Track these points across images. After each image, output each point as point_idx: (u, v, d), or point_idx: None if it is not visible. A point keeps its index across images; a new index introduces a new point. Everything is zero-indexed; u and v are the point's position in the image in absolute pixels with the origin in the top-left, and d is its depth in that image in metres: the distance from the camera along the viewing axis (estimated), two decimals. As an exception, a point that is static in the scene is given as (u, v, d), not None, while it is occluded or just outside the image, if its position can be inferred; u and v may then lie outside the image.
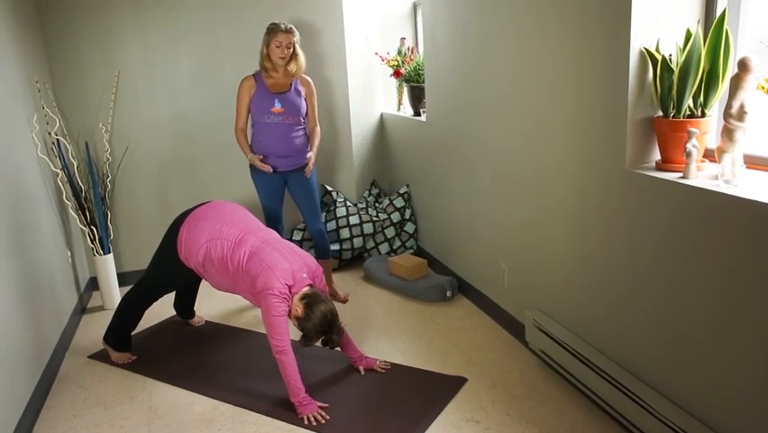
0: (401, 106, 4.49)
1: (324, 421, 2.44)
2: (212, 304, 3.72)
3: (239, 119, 3.52)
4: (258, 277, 2.52)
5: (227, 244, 2.67)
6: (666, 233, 1.98)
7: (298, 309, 2.49)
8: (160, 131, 4.05)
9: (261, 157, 3.45)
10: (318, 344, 2.59)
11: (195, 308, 3.49)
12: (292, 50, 3.41)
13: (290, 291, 2.52)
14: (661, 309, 2.05)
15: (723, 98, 1.97)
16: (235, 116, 3.54)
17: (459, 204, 3.55)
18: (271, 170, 3.46)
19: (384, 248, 4.25)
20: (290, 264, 2.55)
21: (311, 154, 3.53)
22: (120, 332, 3.02)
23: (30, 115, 3.21)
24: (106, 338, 3.05)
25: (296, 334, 2.60)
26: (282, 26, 3.38)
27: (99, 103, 3.88)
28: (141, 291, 2.99)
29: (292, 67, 3.45)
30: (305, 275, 2.57)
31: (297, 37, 3.42)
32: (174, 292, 3.37)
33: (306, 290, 2.55)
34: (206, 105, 4.10)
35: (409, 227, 4.29)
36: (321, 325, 2.49)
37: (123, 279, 3.97)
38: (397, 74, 4.15)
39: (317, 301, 2.50)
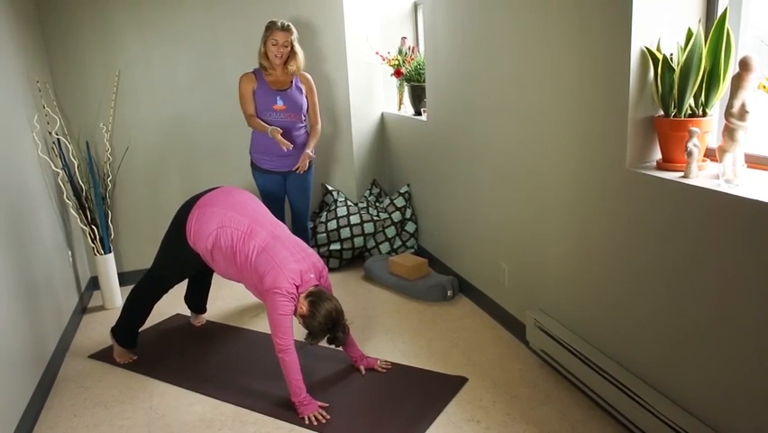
0: (402, 106, 4.48)
1: (324, 421, 2.44)
2: (213, 304, 3.72)
3: (247, 109, 3.46)
4: (266, 275, 2.51)
5: (237, 234, 2.65)
6: (667, 232, 1.98)
7: (303, 307, 2.49)
8: (161, 131, 4.05)
9: (281, 131, 3.35)
10: (323, 343, 2.59)
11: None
12: (290, 48, 3.41)
13: (297, 291, 2.52)
14: (661, 309, 2.05)
15: (724, 98, 1.96)
16: (242, 110, 3.50)
17: (459, 203, 3.55)
18: (291, 147, 3.38)
19: (385, 247, 4.25)
20: (299, 264, 2.55)
21: (308, 151, 3.52)
22: (128, 327, 3.01)
23: (30, 115, 3.22)
24: (114, 332, 3.04)
25: (300, 334, 2.60)
26: (279, 24, 3.37)
27: (100, 103, 3.88)
28: (151, 281, 2.96)
29: (291, 65, 3.46)
30: (312, 275, 2.57)
31: (294, 35, 3.41)
32: (185, 287, 3.36)
33: (311, 288, 2.55)
34: (207, 106, 4.10)
35: (410, 227, 4.29)
36: (326, 323, 2.49)
37: (123, 278, 3.97)
38: (397, 73, 4.15)
39: (322, 299, 2.50)
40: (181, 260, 2.87)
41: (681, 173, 1.98)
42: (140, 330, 3.14)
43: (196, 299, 3.41)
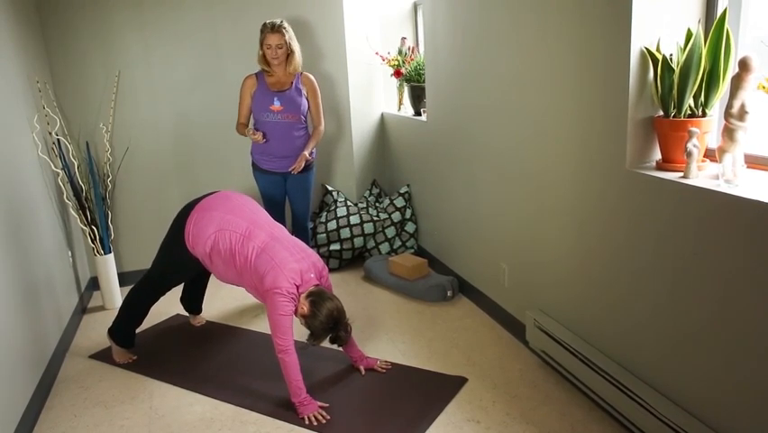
0: (402, 106, 4.49)
1: (324, 421, 2.44)
2: (213, 304, 3.72)
3: (239, 116, 3.57)
4: (266, 275, 2.51)
5: (235, 236, 2.66)
6: (666, 232, 1.98)
7: (304, 307, 2.49)
8: (161, 131, 4.05)
9: (257, 130, 3.47)
10: (325, 342, 2.59)
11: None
12: (285, 48, 3.39)
13: (298, 291, 2.52)
14: (661, 309, 2.05)
15: (724, 98, 1.97)
16: (237, 115, 3.59)
17: (459, 203, 3.55)
18: (262, 136, 3.44)
19: (384, 248, 4.25)
20: (299, 264, 2.55)
21: (305, 153, 3.52)
22: (125, 327, 3.02)
23: (30, 116, 3.22)
24: (111, 332, 3.04)
25: (300, 334, 2.60)
26: (270, 26, 3.36)
27: (100, 103, 3.88)
28: (149, 283, 2.97)
29: (290, 66, 3.45)
30: (312, 275, 2.57)
31: (288, 35, 3.39)
32: (180, 287, 3.36)
33: (311, 288, 2.55)
34: (207, 106, 4.10)
35: (410, 227, 4.29)
36: (328, 322, 2.49)
37: (123, 279, 3.97)
38: (397, 74, 4.15)
39: (323, 299, 2.50)
40: (180, 264, 2.87)
41: (681, 173, 1.98)
42: (139, 330, 3.15)
43: (192, 300, 3.41)
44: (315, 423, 2.43)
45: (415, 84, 4.05)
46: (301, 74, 3.55)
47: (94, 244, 3.71)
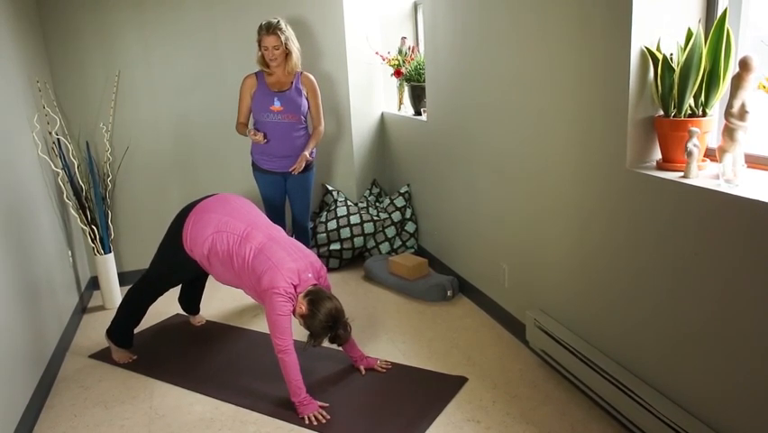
0: (402, 106, 4.49)
1: (324, 421, 2.44)
2: (213, 304, 3.72)
3: (239, 116, 3.57)
4: (263, 275, 2.51)
5: (233, 238, 2.66)
6: (667, 232, 1.98)
7: (303, 307, 2.49)
8: (161, 131, 4.05)
9: (252, 131, 3.46)
10: (325, 342, 2.59)
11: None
12: (281, 50, 3.39)
13: (295, 291, 2.52)
14: (661, 309, 2.05)
15: (724, 98, 1.97)
16: (237, 115, 3.58)
17: (459, 203, 3.55)
18: (263, 138, 3.44)
19: (385, 247, 4.25)
20: (296, 264, 2.55)
21: (305, 153, 3.52)
22: (123, 327, 3.02)
23: (30, 115, 3.22)
24: (109, 333, 3.04)
25: (299, 334, 2.60)
26: (265, 28, 3.34)
27: (100, 103, 3.88)
28: (146, 284, 2.97)
29: (288, 66, 3.45)
30: (310, 275, 2.57)
31: (284, 36, 3.37)
32: (179, 287, 3.36)
33: (309, 287, 2.55)
34: (207, 105, 4.10)
35: (410, 227, 4.29)
36: (327, 321, 2.48)
37: (123, 278, 3.97)
38: (397, 73, 4.15)
39: (322, 298, 2.50)
40: (177, 265, 2.87)
41: (681, 173, 1.98)
42: (139, 330, 3.15)
43: (190, 300, 3.41)
44: (315, 423, 2.43)
45: (415, 84, 4.05)
46: (301, 74, 3.55)
47: (94, 243, 3.71)
